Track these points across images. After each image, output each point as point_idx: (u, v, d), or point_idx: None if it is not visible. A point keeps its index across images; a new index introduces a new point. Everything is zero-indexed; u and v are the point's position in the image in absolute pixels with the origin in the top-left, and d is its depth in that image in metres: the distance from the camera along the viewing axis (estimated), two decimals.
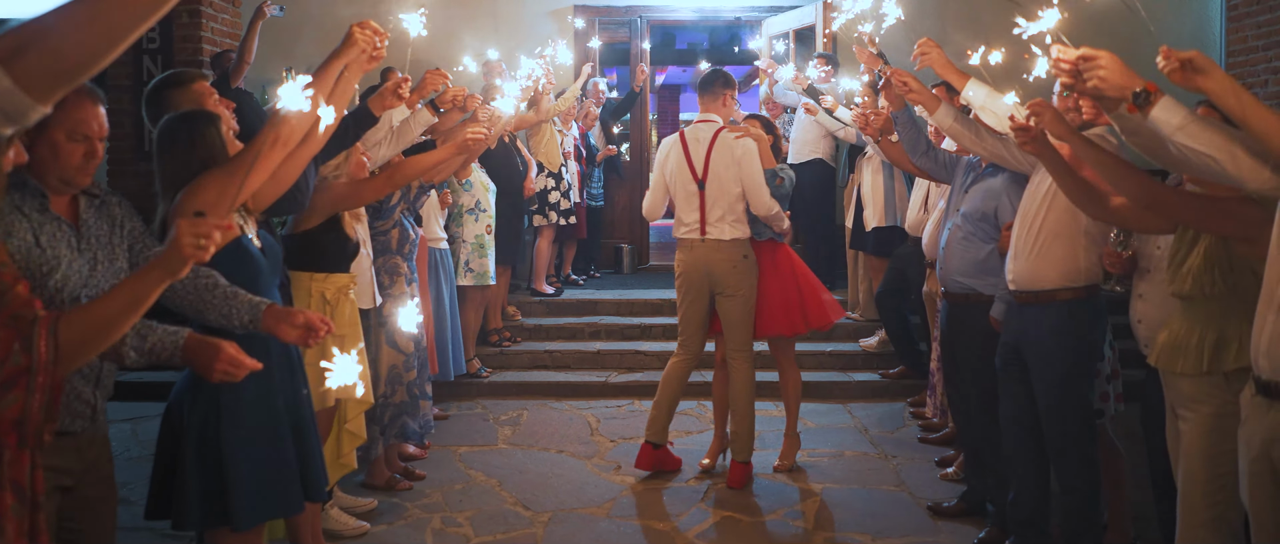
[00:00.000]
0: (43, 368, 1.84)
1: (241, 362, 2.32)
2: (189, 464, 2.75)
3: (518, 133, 7.21)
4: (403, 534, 4.34)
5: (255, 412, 2.80)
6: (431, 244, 5.60)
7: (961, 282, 4.07)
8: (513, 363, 7.06)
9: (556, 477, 5.08)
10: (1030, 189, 3.74)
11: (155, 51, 7.67)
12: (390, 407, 4.66)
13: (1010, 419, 3.84)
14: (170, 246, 1.93)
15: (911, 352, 6.51)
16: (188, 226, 1.95)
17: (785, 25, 9.01)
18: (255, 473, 2.78)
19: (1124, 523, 3.98)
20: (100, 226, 2.43)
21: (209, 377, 2.31)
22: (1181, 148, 2.30)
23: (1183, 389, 2.86)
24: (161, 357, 2.30)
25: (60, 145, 2.27)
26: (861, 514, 4.56)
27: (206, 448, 2.75)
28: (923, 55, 3.77)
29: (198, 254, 1.95)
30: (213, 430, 2.75)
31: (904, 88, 3.91)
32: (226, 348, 2.31)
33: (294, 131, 2.78)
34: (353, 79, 3.07)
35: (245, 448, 2.77)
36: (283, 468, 2.85)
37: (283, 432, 2.87)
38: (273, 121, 2.72)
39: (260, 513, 2.80)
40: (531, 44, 8.53)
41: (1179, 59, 2.20)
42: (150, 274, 1.97)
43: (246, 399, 2.78)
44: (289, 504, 2.90)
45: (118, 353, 2.29)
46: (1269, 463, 2.41)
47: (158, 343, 2.30)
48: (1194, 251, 2.83)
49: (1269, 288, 2.43)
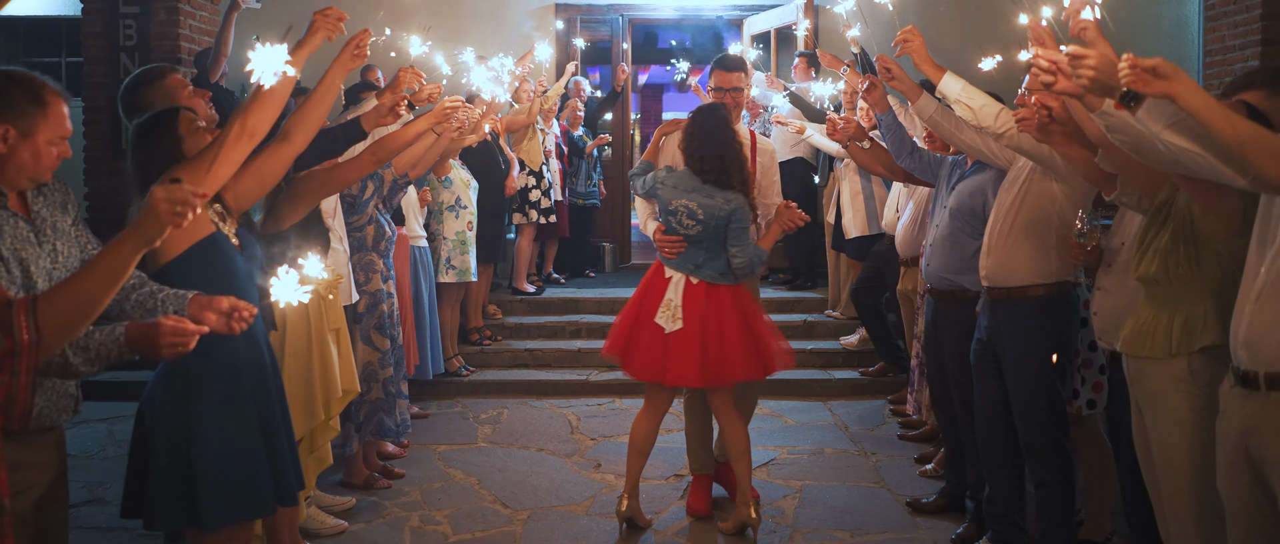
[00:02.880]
0: (26, 349, 1.83)
1: (184, 329, 2.26)
2: (158, 465, 2.73)
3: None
4: (381, 533, 4.32)
5: (224, 413, 2.77)
6: (412, 241, 5.58)
7: (947, 278, 4.09)
8: (493, 361, 7.05)
9: (536, 475, 5.07)
10: (1003, 186, 3.77)
11: (132, 48, 7.61)
12: (366, 403, 4.64)
13: (985, 415, 3.87)
14: (146, 213, 1.92)
15: (890, 348, 6.54)
16: (163, 192, 1.93)
17: (766, 24, 9.02)
18: (224, 474, 2.75)
19: (1102, 518, 4.00)
20: (52, 213, 2.42)
21: (160, 356, 2.26)
22: (1170, 146, 2.31)
23: (1148, 383, 2.88)
24: (109, 356, 2.26)
25: (41, 151, 2.29)
26: (840, 511, 4.57)
27: (176, 448, 2.72)
28: (904, 42, 3.75)
29: (175, 219, 1.94)
30: (182, 431, 2.73)
31: (886, 74, 3.90)
32: (164, 322, 2.25)
33: (261, 123, 2.77)
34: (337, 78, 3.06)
35: (214, 449, 2.74)
36: (252, 469, 2.82)
37: (252, 433, 2.83)
38: (239, 113, 2.72)
39: (230, 514, 2.77)
40: (512, 43, 8.53)
41: (1143, 67, 2.21)
42: (126, 243, 1.95)
43: (215, 400, 2.76)
44: (260, 506, 2.86)
45: (65, 367, 2.24)
46: (1245, 454, 2.44)
47: (100, 344, 2.25)
48: (1163, 232, 2.86)
49: (1247, 279, 2.46)
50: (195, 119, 2.90)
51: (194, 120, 2.89)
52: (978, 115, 3.67)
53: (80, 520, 4.36)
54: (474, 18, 8.87)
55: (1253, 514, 2.46)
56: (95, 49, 7.71)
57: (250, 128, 2.74)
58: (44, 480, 2.36)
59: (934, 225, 4.19)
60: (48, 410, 2.33)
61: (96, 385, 4.37)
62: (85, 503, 4.63)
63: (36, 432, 2.31)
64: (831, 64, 4.78)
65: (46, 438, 2.37)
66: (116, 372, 5.87)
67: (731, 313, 4.13)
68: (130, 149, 2.86)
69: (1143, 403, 2.93)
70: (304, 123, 2.98)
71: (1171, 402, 2.82)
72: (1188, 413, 2.78)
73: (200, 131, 2.88)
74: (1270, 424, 2.36)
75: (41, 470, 2.34)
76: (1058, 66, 2.49)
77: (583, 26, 9.34)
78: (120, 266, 1.95)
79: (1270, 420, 2.36)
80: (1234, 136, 2.17)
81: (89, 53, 7.75)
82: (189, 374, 2.73)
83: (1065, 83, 2.48)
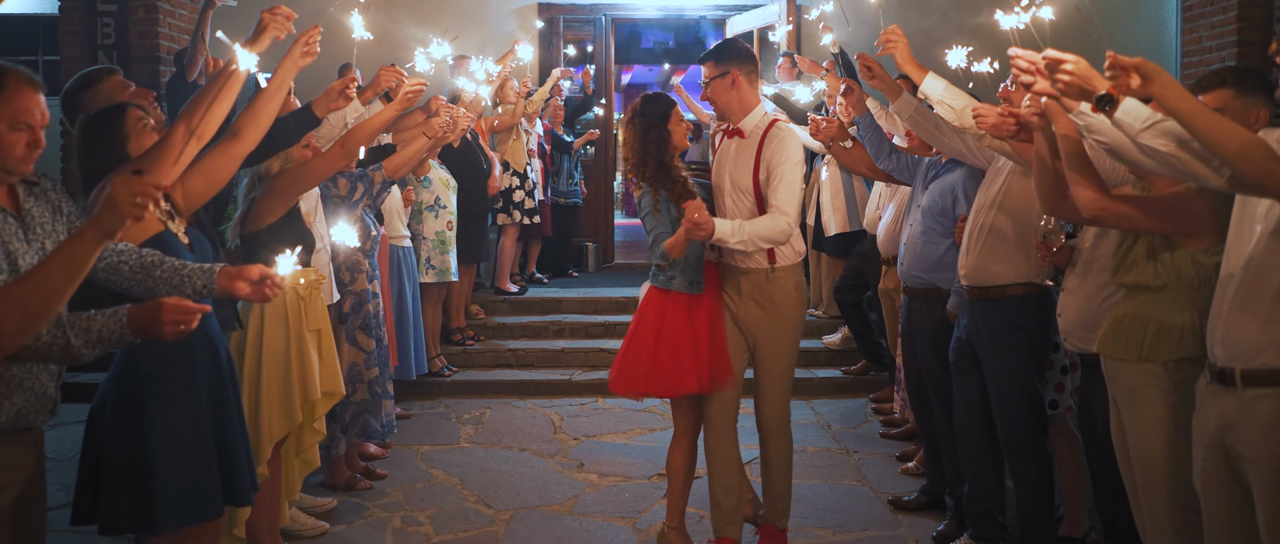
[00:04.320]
0: None
1: (187, 307, 2.23)
2: (111, 469, 2.70)
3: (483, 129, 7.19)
4: (363, 533, 4.31)
5: (178, 415, 2.75)
6: (394, 242, 5.57)
7: (921, 276, 4.12)
8: (476, 361, 7.03)
9: (519, 475, 5.06)
10: (983, 186, 3.79)
11: (111, 47, 7.54)
12: (351, 405, 4.63)
13: (964, 413, 3.89)
14: (105, 206, 1.90)
15: (872, 346, 6.57)
16: (123, 184, 1.91)
17: (749, 24, 9.03)
18: (179, 477, 2.73)
19: (1080, 514, 4.03)
20: (43, 214, 2.39)
21: (163, 336, 2.23)
22: (1146, 148, 2.33)
23: (1126, 380, 2.91)
24: (111, 340, 2.23)
25: (2, 135, 2.22)
26: (823, 509, 4.59)
27: (130, 452, 2.70)
28: (888, 42, 3.73)
29: (135, 211, 1.91)
30: (136, 434, 2.70)
31: (867, 72, 3.91)
32: (166, 302, 2.23)
33: (209, 124, 2.76)
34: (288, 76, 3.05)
35: (169, 452, 2.72)
36: (204, 471, 2.80)
37: (207, 435, 2.81)
38: (185, 114, 2.71)
39: (182, 517, 2.75)
40: (495, 42, 8.51)
41: (1124, 65, 2.24)
42: (86, 236, 1.92)
43: (170, 402, 2.74)
44: (208, 508, 2.83)
45: (67, 351, 2.22)
46: (1222, 450, 2.47)
47: (102, 327, 2.22)
48: (1139, 242, 2.89)
49: (1223, 277, 2.49)
50: (143, 118, 2.88)
51: (141, 119, 2.87)
52: (959, 116, 3.68)
53: (58, 522, 4.31)
54: (457, 16, 8.84)
55: (1229, 510, 2.49)
56: (73, 48, 7.63)
57: (196, 127, 2.72)
58: (20, 481, 2.34)
59: (909, 224, 4.22)
60: (25, 410, 2.31)
61: (76, 387, 4.32)
62: (62, 506, 4.56)
63: (13, 431, 2.29)
64: (811, 69, 4.79)
65: (24, 438, 2.34)
66: (94, 373, 5.84)
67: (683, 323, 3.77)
68: (76, 146, 2.84)
69: (1120, 400, 2.96)
70: (254, 121, 2.97)
71: (1149, 399, 2.84)
72: (1165, 410, 2.80)
73: (147, 131, 2.86)
74: (1246, 420, 2.39)
75: (18, 471, 2.32)
76: (1036, 68, 2.51)
77: (566, 26, 9.33)
78: (80, 261, 1.92)
79: (1246, 417, 2.39)
80: (1212, 134, 2.19)
81: (66, 51, 7.67)
82: (141, 376, 2.71)
83: (1044, 84, 2.51)
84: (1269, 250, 2.37)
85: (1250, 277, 2.39)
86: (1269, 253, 2.37)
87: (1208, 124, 2.20)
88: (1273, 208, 2.36)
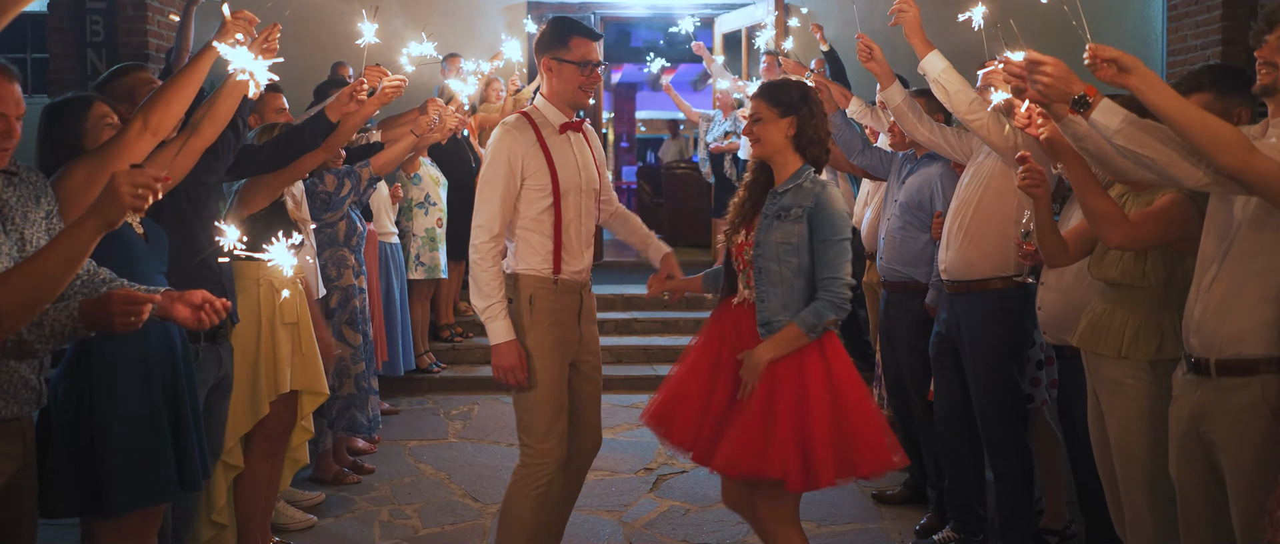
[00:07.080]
0: None
1: (136, 297, 2.22)
2: (60, 450, 2.70)
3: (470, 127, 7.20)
4: (350, 527, 4.33)
5: (131, 399, 2.75)
6: (382, 238, 5.58)
7: (899, 270, 4.16)
8: (464, 358, 7.04)
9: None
10: (962, 179, 3.82)
11: (100, 45, 7.52)
12: (338, 399, 4.65)
13: (944, 406, 3.93)
14: (106, 196, 1.92)
15: (856, 340, 6.59)
16: (125, 177, 1.93)
17: (737, 22, 9.06)
18: (131, 459, 2.73)
19: (1060, 506, 4.07)
20: (23, 203, 2.40)
21: (115, 329, 2.23)
22: (1121, 150, 2.36)
23: (1106, 372, 2.94)
24: (64, 333, 2.24)
25: None
26: (806, 502, 4.52)
27: (79, 433, 2.70)
28: (900, 12, 3.69)
29: (137, 202, 1.94)
30: (86, 417, 2.70)
31: (866, 55, 3.93)
32: (115, 294, 2.22)
33: (165, 121, 2.77)
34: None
35: (120, 434, 2.72)
36: (159, 455, 2.80)
37: (160, 419, 2.81)
38: (142, 109, 2.72)
39: (135, 500, 2.75)
40: (484, 41, 8.51)
41: (1104, 57, 2.26)
42: (86, 225, 1.95)
43: (122, 387, 2.74)
44: (163, 491, 2.83)
45: (20, 346, 2.21)
46: (1197, 439, 2.50)
47: (54, 321, 2.22)
48: None
49: (1201, 269, 2.52)
50: (107, 115, 2.88)
51: (105, 116, 2.87)
52: (952, 98, 3.64)
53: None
54: (446, 15, 8.85)
55: (1204, 498, 2.52)
56: (61, 45, 7.61)
57: (153, 125, 2.73)
58: (9, 470, 2.35)
59: (886, 219, 4.26)
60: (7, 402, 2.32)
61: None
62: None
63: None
64: (795, 71, 4.82)
65: (11, 428, 2.35)
66: None
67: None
68: (38, 136, 2.84)
69: (1101, 390, 2.99)
70: (213, 117, 2.97)
71: (1128, 390, 2.87)
72: (1144, 401, 2.83)
73: (107, 127, 2.87)
74: (1221, 409, 2.42)
75: (7, 460, 2.33)
76: (1019, 70, 2.52)
77: None
78: (80, 248, 1.95)
79: (1221, 405, 2.42)
80: (1191, 127, 2.22)
81: (55, 49, 7.65)
82: (92, 364, 2.72)
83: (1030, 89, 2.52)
84: (1245, 241, 2.40)
85: (1228, 269, 2.42)
86: (1245, 244, 2.40)
87: (1187, 117, 2.23)
88: (1250, 199, 2.38)
